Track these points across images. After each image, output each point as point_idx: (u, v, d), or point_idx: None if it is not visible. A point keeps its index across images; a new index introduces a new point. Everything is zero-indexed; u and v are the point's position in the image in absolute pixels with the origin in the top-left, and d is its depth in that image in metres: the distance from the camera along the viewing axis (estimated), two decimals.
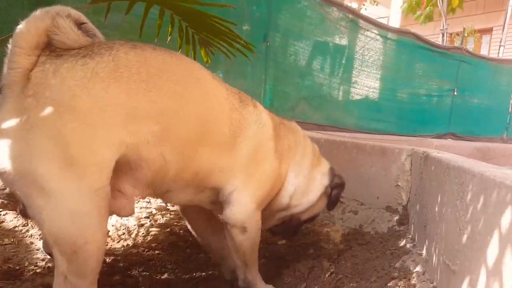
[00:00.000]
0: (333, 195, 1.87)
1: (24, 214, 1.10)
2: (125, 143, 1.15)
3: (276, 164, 1.63)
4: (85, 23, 1.20)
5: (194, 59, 2.12)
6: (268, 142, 1.60)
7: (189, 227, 1.92)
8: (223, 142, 1.44)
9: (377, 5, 14.51)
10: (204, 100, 1.37)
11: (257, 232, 1.61)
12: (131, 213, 1.40)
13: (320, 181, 1.82)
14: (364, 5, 13.92)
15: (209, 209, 1.74)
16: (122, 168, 1.20)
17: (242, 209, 1.52)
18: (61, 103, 1.05)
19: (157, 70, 1.24)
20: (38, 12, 1.10)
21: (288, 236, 2.10)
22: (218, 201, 1.56)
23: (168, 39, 2.07)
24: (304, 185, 1.77)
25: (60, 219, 1.06)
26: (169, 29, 1.99)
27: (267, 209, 1.71)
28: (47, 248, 1.51)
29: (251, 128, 1.53)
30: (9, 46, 1.07)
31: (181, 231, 2.34)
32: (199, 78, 1.38)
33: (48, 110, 1.03)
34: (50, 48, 1.11)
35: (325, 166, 1.88)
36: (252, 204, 1.55)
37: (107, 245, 2.04)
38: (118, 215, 1.39)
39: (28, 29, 1.08)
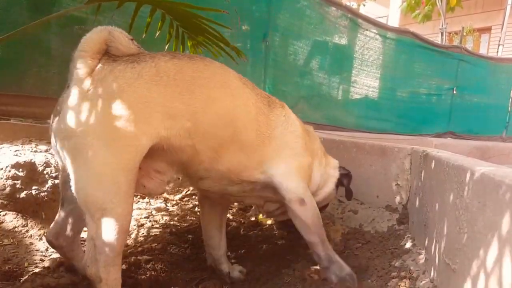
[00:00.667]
0: (346, 184, 2.13)
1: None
2: (160, 134, 1.38)
3: (310, 159, 1.86)
4: (132, 39, 1.47)
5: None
6: (298, 139, 1.81)
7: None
8: (251, 142, 1.64)
9: (375, 0, 14.49)
10: (230, 102, 1.58)
11: (315, 206, 1.80)
12: (162, 192, 1.81)
13: (333, 175, 2.07)
14: (363, 3, 13.91)
15: (225, 206, 2.06)
16: (157, 152, 1.42)
17: (294, 184, 1.73)
18: (113, 96, 1.31)
19: (191, 77, 1.47)
20: (98, 27, 1.39)
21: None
22: (270, 190, 1.77)
23: (157, 34, 2.10)
24: (322, 179, 2.00)
25: (94, 182, 1.28)
26: (159, 24, 2.03)
27: None
28: (50, 236, 1.58)
29: (278, 129, 1.74)
30: (76, 51, 1.35)
31: (181, 232, 2.34)
32: (225, 82, 1.59)
33: (103, 99, 1.30)
34: (108, 54, 1.39)
35: (333, 161, 2.13)
36: (301, 182, 1.77)
37: None
38: (152, 193, 1.64)
39: (92, 38, 1.37)
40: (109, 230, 1.29)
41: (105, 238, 1.28)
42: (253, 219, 2.68)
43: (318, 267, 1.82)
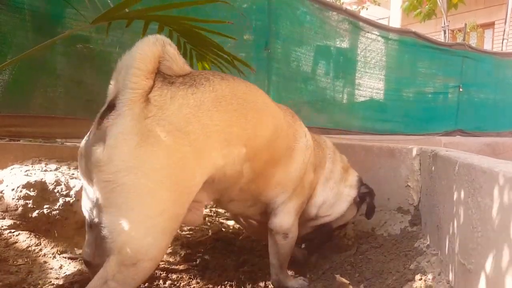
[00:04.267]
0: (368, 203, 2.08)
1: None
2: (216, 165, 1.27)
3: (312, 176, 1.83)
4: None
5: None
6: (310, 154, 1.77)
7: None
8: (282, 157, 1.62)
9: (379, 5, 14.51)
10: (271, 122, 1.54)
11: (295, 238, 1.82)
12: (200, 222, 1.53)
13: (348, 194, 2.00)
14: (364, 6, 13.93)
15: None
16: (206, 184, 1.29)
17: (286, 219, 1.73)
18: (178, 128, 1.15)
19: (242, 100, 1.38)
20: (150, 38, 1.17)
21: (318, 249, 2.20)
22: (265, 212, 1.76)
23: None
24: (331, 198, 1.94)
25: (141, 234, 1.10)
26: None
27: (300, 217, 1.87)
28: (87, 257, 1.42)
29: (302, 141, 1.72)
30: (126, 68, 1.13)
31: (192, 244, 2.34)
32: (266, 103, 1.55)
33: (167, 131, 1.12)
34: (160, 73, 1.19)
35: (352, 178, 2.05)
36: (294, 215, 1.76)
37: None
38: (190, 225, 1.62)
39: (146, 53, 1.14)
40: (132, 279, 1.12)
41: (123, 283, 1.11)
42: None
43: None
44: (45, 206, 2.10)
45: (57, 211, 2.11)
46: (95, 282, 1.12)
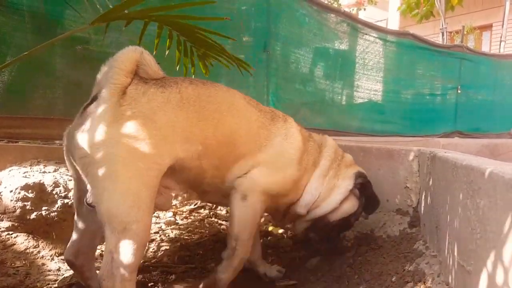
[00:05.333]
0: (365, 195, 2.03)
1: (87, 201, 1.41)
2: (178, 156, 1.47)
3: (296, 174, 1.82)
4: (159, 63, 1.55)
5: (193, 72, 2.17)
6: (292, 151, 1.80)
7: None
8: (248, 154, 1.69)
9: (375, 4, 14.54)
10: (235, 123, 1.66)
11: (255, 211, 1.72)
12: (169, 207, 1.79)
13: (342, 185, 1.96)
14: (362, 7, 13.96)
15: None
16: (169, 171, 1.47)
17: (250, 181, 1.70)
18: (147, 115, 1.38)
19: (205, 102, 1.57)
20: (131, 47, 1.44)
21: (323, 247, 2.11)
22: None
23: (166, 53, 2.11)
24: (324, 191, 1.91)
25: (119, 198, 1.30)
26: (167, 43, 2.03)
27: (289, 213, 1.93)
28: (69, 256, 1.58)
29: (277, 139, 1.78)
30: (110, 68, 1.40)
31: (191, 245, 2.34)
32: (232, 104, 1.68)
33: (136, 117, 1.36)
34: (138, 75, 1.46)
35: (351, 171, 2.02)
36: (260, 185, 1.71)
37: None
38: (161, 208, 1.66)
39: (126, 56, 1.42)
40: (129, 244, 1.30)
41: (124, 252, 1.30)
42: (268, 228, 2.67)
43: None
44: (43, 208, 2.09)
45: (56, 213, 2.11)
46: (105, 260, 1.32)
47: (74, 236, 1.59)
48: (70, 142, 1.41)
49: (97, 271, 1.40)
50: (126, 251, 1.30)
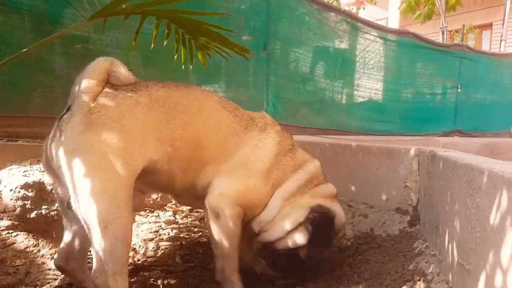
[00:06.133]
0: (317, 232, 1.75)
1: (69, 206, 1.45)
2: (152, 158, 1.50)
3: (260, 186, 1.74)
4: (131, 70, 1.60)
5: (191, 64, 2.12)
6: (258, 163, 1.73)
7: None
8: (216, 160, 1.68)
9: (375, 3, 14.52)
10: (202, 124, 1.66)
11: (232, 225, 1.66)
12: (141, 209, 1.92)
13: (293, 216, 1.77)
14: (362, 6, 13.95)
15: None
16: (143, 174, 1.50)
17: (215, 196, 1.66)
18: (115, 120, 1.43)
19: (175, 103, 1.59)
20: (101, 58, 1.52)
21: (291, 273, 1.96)
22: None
23: (165, 43, 2.10)
24: (277, 220, 1.76)
25: (97, 197, 1.35)
26: (165, 33, 2.01)
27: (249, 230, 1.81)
28: (60, 261, 1.62)
29: (244, 149, 1.73)
30: (82, 78, 1.46)
31: (190, 244, 2.34)
32: (202, 107, 1.68)
33: (107, 122, 1.42)
34: (110, 83, 1.51)
35: (310, 202, 1.80)
36: (228, 197, 1.66)
37: None
38: (135, 210, 1.69)
39: (98, 66, 1.49)
40: (113, 241, 1.35)
41: (110, 248, 1.35)
42: None
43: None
44: (43, 207, 2.09)
45: (55, 212, 2.11)
46: (95, 259, 1.36)
47: (63, 241, 1.63)
48: (47, 153, 1.47)
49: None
50: (112, 248, 1.35)
